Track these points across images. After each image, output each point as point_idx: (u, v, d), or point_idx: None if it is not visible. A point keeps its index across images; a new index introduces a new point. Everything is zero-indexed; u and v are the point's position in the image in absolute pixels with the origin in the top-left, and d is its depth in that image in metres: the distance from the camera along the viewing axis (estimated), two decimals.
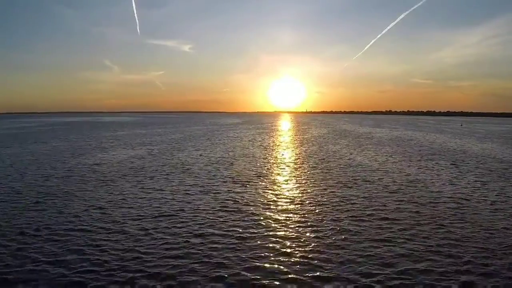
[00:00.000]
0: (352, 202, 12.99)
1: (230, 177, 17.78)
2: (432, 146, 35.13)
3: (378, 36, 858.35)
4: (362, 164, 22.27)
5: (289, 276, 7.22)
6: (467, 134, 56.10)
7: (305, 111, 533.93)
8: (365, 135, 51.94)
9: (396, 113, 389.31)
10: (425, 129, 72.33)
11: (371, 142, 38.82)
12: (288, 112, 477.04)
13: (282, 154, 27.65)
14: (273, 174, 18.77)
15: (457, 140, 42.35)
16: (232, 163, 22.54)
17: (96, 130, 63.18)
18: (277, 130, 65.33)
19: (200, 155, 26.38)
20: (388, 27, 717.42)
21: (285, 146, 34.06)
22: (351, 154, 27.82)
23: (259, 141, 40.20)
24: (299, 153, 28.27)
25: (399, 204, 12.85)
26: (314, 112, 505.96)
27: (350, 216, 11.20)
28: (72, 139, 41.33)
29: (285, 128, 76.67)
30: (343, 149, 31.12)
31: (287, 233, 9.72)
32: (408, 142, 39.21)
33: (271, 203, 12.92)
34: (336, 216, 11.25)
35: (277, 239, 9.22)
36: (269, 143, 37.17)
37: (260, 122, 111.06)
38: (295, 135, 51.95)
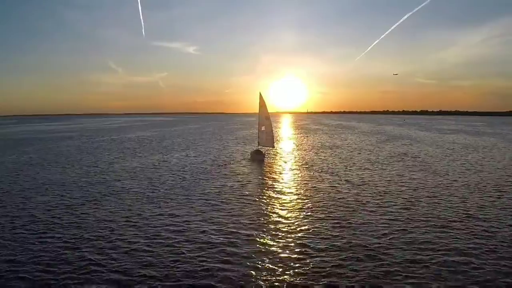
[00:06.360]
0: None
1: None
2: None
3: (382, 37, 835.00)
4: None
5: None
6: None
7: (306, 111, 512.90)
8: (426, 140, 33.04)
9: (404, 113, 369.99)
10: (477, 132, 53.22)
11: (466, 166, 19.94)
12: (289, 113, 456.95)
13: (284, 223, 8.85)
14: None
15: None
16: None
17: (63, 141, 45.03)
18: (276, 140, 46.34)
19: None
20: (392, 28, 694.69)
21: (292, 194, 15.20)
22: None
23: (241, 174, 21.46)
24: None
25: None
26: (315, 113, 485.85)
27: None
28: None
29: (289, 134, 57.69)
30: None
31: None
32: None
33: None
34: None
35: None
36: (257, 183, 18.41)
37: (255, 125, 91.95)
38: (310, 153, 33.02)
